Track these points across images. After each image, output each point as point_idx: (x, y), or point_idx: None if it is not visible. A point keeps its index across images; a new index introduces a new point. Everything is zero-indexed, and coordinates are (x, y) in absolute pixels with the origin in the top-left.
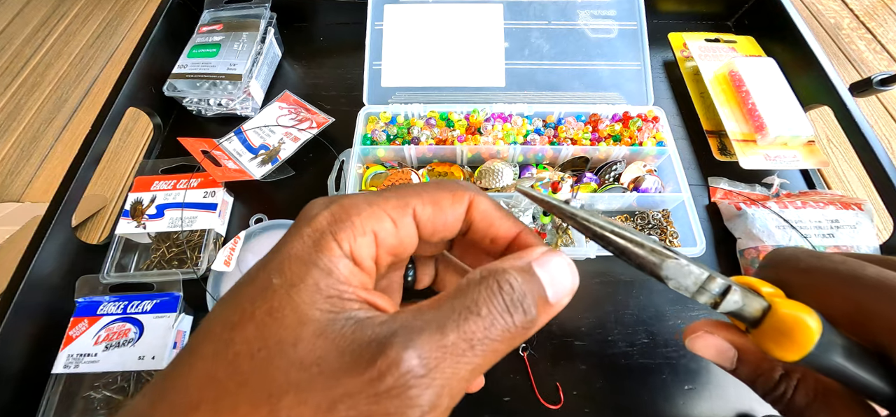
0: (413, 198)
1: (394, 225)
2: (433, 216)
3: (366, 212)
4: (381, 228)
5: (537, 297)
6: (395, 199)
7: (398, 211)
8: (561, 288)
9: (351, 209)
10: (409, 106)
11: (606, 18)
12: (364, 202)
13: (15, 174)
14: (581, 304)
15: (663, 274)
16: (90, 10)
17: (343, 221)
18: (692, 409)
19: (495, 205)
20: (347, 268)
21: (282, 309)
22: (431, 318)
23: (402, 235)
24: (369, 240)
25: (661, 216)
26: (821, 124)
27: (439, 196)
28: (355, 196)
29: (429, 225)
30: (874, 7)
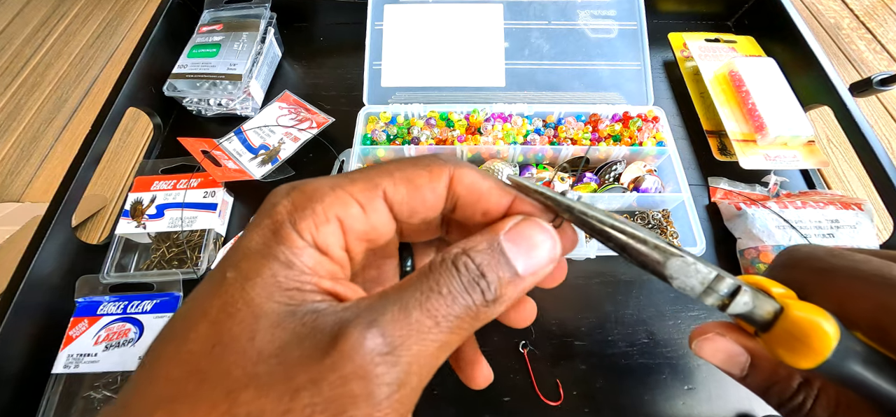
0: (383, 179)
1: (361, 210)
2: (408, 196)
3: (329, 198)
4: (346, 214)
5: (502, 274)
6: (363, 181)
7: (366, 193)
8: (535, 259)
9: (313, 195)
10: (409, 106)
11: (606, 18)
12: (327, 186)
13: (15, 174)
14: (581, 304)
15: (667, 273)
16: (90, 10)
17: (303, 209)
18: (692, 409)
19: (482, 176)
20: (312, 259)
21: (235, 303)
22: (395, 299)
23: (374, 220)
24: (334, 228)
25: (661, 216)
26: (821, 124)
27: (413, 173)
28: (319, 180)
29: (404, 206)
30: (874, 7)
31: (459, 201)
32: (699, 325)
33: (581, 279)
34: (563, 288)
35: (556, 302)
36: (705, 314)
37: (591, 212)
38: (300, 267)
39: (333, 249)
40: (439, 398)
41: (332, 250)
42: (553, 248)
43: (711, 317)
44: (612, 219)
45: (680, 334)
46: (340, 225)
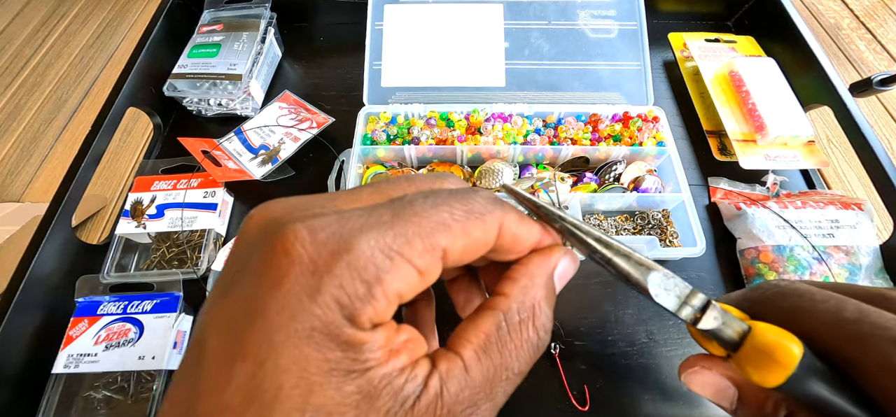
0: (443, 236)
1: (421, 278)
2: (463, 253)
3: (389, 276)
4: (406, 287)
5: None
6: (422, 242)
7: (426, 257)
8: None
9: (366, 272)
10: (409, 106)
11: (606, 18)
12: (382, 253)
13: (15, 174)
14: (581, 304)
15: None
16: (90, 10)
17: (360, 297)
18: (692, 409)
19: (522, 219)
20: (378, 342)
21: None
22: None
23: (428, 280)
24: (395, 304)
25: (661, 216)
26: (821, 124)
27: (470, 226)
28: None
29: (456, 260)
30: (874, 7)
31: (498, 249)
32: (686, 358)
33: (581, 279)
34: (563, 288)
35: (556, 302)
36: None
37: (583, 227)
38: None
39: (389, 317)
40: None
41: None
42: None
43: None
44: (598, 232)
45: (680, 334)
46: (399, 298)
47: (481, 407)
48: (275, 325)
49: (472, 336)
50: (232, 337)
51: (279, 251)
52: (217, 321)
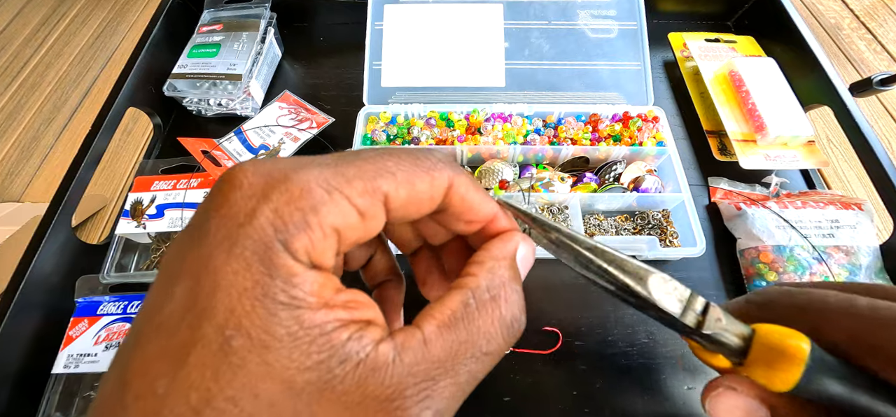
0: (385, 180)
1: (361, 219)
2: (406, 202)
3: (325, 208)
4: (345, 225)
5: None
6: (362, 182)
7: (366, 198)
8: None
9: (302, 200)
10: (409, 106)
11: (606, 18)
12: (319, 187)
13: (15, 174)
14: (581, 304)
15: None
16: (90, 10)
17: (295, 225)
18: (692, 409)
19: (476, 187)
20: (315, 283)
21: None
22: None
23: (370, 227)
24: (332, 241)
25: (661, 216)
26: (821, 124)
27: (416, 176)
28: (305, 172)
29: (400, 210)
30: (874, 7)
31: (449, 209)
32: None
33: (581, 279)
34: (563, 288)
35: (557, 302)
36: None
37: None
38: (307, 302)
39: (328, 261)
40: None
41: (327, 262)
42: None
43: None
44: (591, 241)
45: None
46: (337, 236)
47: (440, 383)
48: (213, 245)
49: (436, 312)
50: (177, 261)
51: (226, 183)
52: (169, 252)
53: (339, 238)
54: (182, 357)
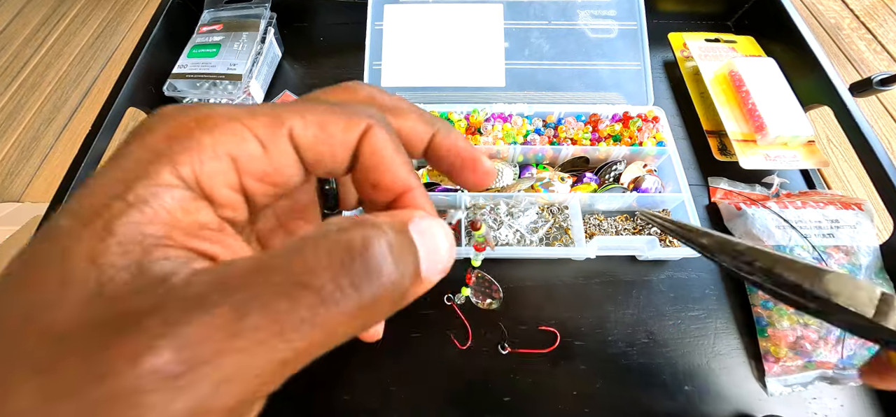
0: (291, 116)
1: (261, 148)
2: (316, 142)
3: (221, 129)
4: (242, 151)
5: (411, 267)
6: (266, 116)
7: (268, 129)
8: (435, 262)
9: (202, 122)
10: None
11: (606, 18)
12: (222, 115)
13: (15, 174)
14: (581, 304)
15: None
16: (90, 10)
17: (186, 139)
18: (692, 409)
19: (396, 146)
20: (175, 203)
21: (51, 261)
22: (230, 282)
23: (277, 161)
24: (225, 166)
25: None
26: (821, 124)
27: (328, 119)
28: (215, 107)
29: (310, 152)
30: (874, 7)
31: (360, 162)
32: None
33: (581, 279)
34: (563, 288)
35: (557, 302)
36: (705, 313)
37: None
38: (154, 212)
39: (220, 190)
40: (439, 397)
41: (219, 192)
42: (451, 255)
43: (712, 318)
44: (747, 243)
45: (680, 334)
46: (234, 164)
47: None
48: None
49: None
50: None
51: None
52: None
53: (237, 167)
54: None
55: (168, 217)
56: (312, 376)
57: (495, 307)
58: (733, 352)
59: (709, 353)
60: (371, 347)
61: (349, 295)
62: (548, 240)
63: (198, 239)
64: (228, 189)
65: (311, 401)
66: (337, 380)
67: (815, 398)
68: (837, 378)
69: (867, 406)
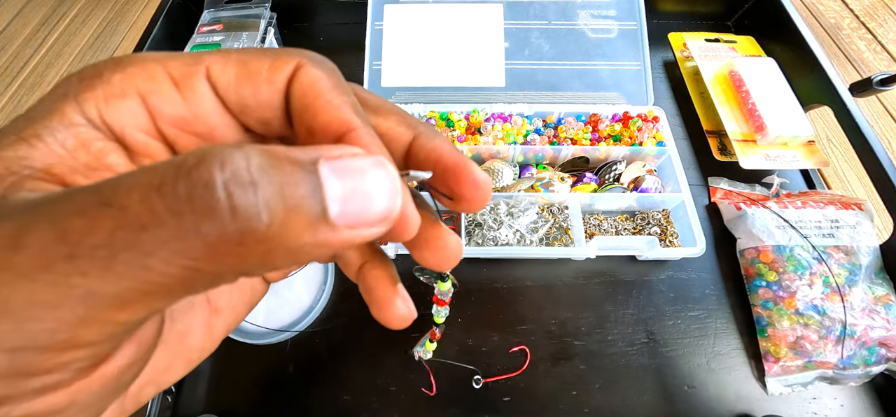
0: (210, 57)
1: (175, 89)
2: (237, 83)
3: (132, 69)
4: (152, 90)
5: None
6: (184, 57)
7: (183, 69)
8: (362, 208)
9: (114, 64)
10: (409, 106)
11: (606, 18)
12: (140, 58)
13: None
14: (581, 304)
15: None
16: (90, 10)
17: (94, 78)
18: (692, 409)
19: (335, 84)
20: (75, 141)
21: None
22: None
23: (194, 106)
24: (134, 106)
25: (661, 216)
26: (821, 124)
27: (251, 58)
28: (139, 53)
29: (231, 95)
30: (874, 7)
31: (291, 105)
32: None
33: (581, 279)
34: (563, 288)
35: (556, 302)
36: (705, 313)
37: None
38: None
39: (133, 133)
40: (439, 398)
41: (132, 134)
42: (390, 202)
43: (712, 318)
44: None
45: (680, 334)
46: (144, 104)
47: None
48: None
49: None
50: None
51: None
52: None
53: (148, 109)
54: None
55: (62, 153)
56: (312, 376)
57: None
58: (733, 352)
59: (709, 353)
60: (371, 347)
61: (164, 222)
62: (548, 240)
63: (90, 178)
64: (143, 133)
65: (311, 401)
66: (337, 380)
67: (815, 398)
68: (837, 378)
69: (867, 406)
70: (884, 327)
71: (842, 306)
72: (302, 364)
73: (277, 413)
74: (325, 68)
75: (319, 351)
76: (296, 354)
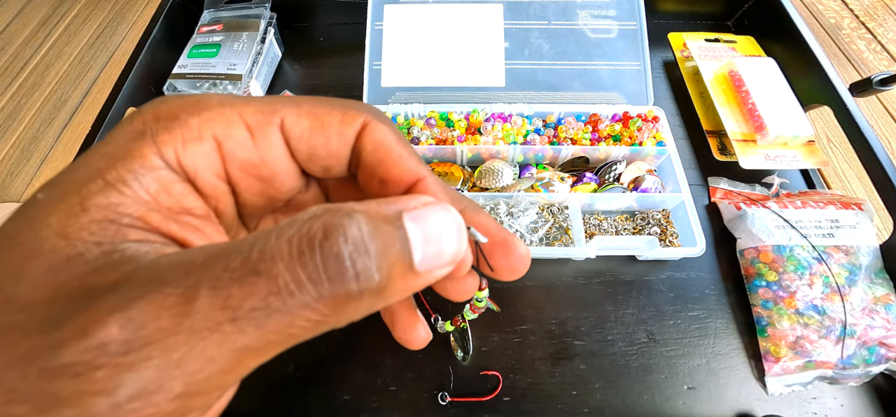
0: (285, 107)
1: (249, 135)
2: (310, 134)
3: (208, 113)
4: (227, 135)
5: (393, 259)
6: (260, 103)
7: (258, 117)
8: (437, 253)
9: (191, 106)
10: (409, 106)
11: (606, 18)
12: (214, 100)
13: (15, 174)
14: (581, 304)
15: None
16: (90, 10)
17: (171, 120)
18: (692, 409)
19: (399, 138)
20: (157, 185)
21: (24, 232)
22: (191, 266)
23: (265, 152)
24: (209, 150)
25: (661, 216)
26: (821, 124)
27: (323, 110)
28: (211, 94)
29: (303, 143)
30: (874, 7)
31: (363, 158)
32: None
33: (581, 279)
34: (563, 288)
35: (556, 302)
36: (705, 313)
37: None
38: (133, 192)
39: (205, 176)
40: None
41: (203, 176)
42: (459, 245)
43: (712, 318)
44: None
45: (680, 334)
46: (218, 148)
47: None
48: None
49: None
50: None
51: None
52: None
53: (221, 153)
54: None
55: (148, 198)
56: (313, 376)
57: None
58: (733, 352)
59: (709, 353)
60: (371, 347)
61: (306, 289)
62: (548, 240)
63: (178, 223)
64: (213, 176)
65: (312, 401)
66: (337, 380)
67: (815, 398)
68: (837, 378)
69: (867, 406)
70: (884, 327)
71: (842, 306)
72: (302, 364)
73: (277, 412)
74: (388, 123)
75: (319, 351)
76: (296, 354)
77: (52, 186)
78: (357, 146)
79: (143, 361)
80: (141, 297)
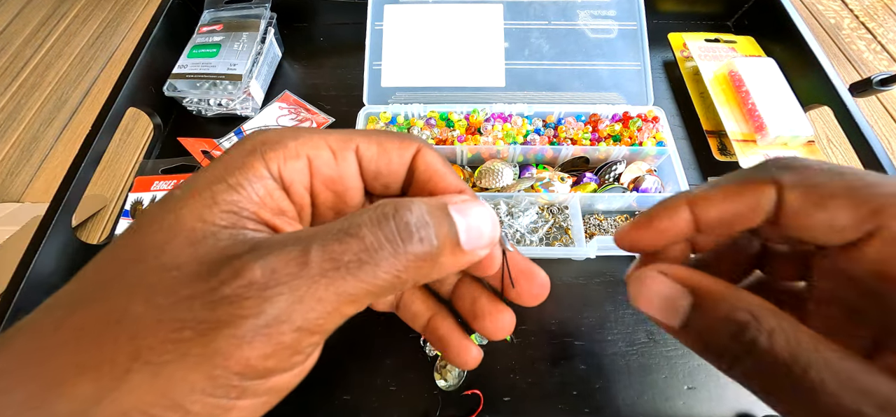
0: (357, 136)
1: (333, 156)
2: (377, 156)
3: (303, 139)
4: (317, 155)
5: (445, 235)
6: (338, 134)
7: (340, 143)
8: (477, 235)
9: (289, 134)
10: (409, 106)
11: (606, 18)
12: (306, 132)
13: (15, 174)
14: (581, 304)
15: None
16: (90, 10)
17: (275, 143)
18: (692, 409)
19: (443, 161)
20: (264, 190)
21: (165, 217)
22: (302, 236)
23: (343, 169)
24: (302, 166)
25: None
26: (821, 124)
27: (386, 139)
28: (297, 127)
29: (372, 164)
30: (874, 7)
31: (416, 176)
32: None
33: (581, 279)
34: (563, 288)
35: (556, 302)
36: None
37: None
38: (248, 194)
39: (296, 187)
40: (440, 397)
41: (296, 188)
42: (494, 230)
43: None
44: None
45: None
46: (309, 165)
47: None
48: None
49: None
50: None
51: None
52: None
53: (311, 168)
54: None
55: (258, 200)
56: (313, 376)
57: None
58: None
59: None
60: (371, 347)
61: (385, 246)
62: (548, 240)
63: (279, 220)
64: (303, 188)
65: (312, 401)
66: (337, 380)
67: None
68: None
69: None
70: None
71: None
72: None
73: (277, 412)
74: (434, 149)
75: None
76: None
77: (184, 187)
78: (411, 167)
79: (278, 296)
80: (272, 253)
